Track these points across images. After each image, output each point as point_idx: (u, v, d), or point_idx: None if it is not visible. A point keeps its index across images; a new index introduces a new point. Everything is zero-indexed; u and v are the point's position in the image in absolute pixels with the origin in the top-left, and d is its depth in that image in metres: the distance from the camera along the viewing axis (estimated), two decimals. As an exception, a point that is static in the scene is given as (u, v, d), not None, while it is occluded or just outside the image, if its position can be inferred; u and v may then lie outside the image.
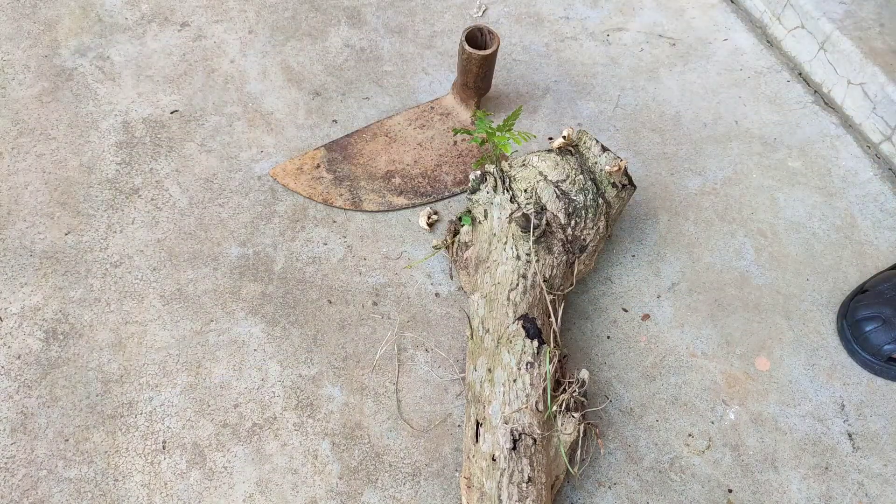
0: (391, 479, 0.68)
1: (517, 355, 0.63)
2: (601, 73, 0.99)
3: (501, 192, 0.73)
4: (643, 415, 0.73)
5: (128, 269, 0.77)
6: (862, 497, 0.70)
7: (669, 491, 0.69)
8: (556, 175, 0.72)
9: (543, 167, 0.73)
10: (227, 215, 0.82)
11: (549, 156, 0.74)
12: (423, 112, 0.92)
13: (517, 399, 0.62)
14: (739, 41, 1.04)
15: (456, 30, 1.01)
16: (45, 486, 0.65)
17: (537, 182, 0.72)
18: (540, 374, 0.63)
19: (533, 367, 0.63)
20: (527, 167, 0.74)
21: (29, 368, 0.71)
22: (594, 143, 0.75)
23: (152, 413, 0.69)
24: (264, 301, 0.76)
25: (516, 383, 0.62)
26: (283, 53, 0.96)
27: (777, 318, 0.80)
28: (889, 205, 0.89)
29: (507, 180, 0.74)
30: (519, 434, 0.60)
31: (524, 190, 0.72)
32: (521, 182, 0.73)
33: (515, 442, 0.60)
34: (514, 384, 0.62)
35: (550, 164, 0.73)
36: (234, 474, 0.67)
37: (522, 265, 0.68)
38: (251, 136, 0.88)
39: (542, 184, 0.72)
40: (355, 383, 0.72)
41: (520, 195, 0.72)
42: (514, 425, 0.61)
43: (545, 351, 0.63)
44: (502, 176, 0.74)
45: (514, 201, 0.72)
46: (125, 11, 0.98)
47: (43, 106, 0.88)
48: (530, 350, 0.63)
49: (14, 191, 0.81)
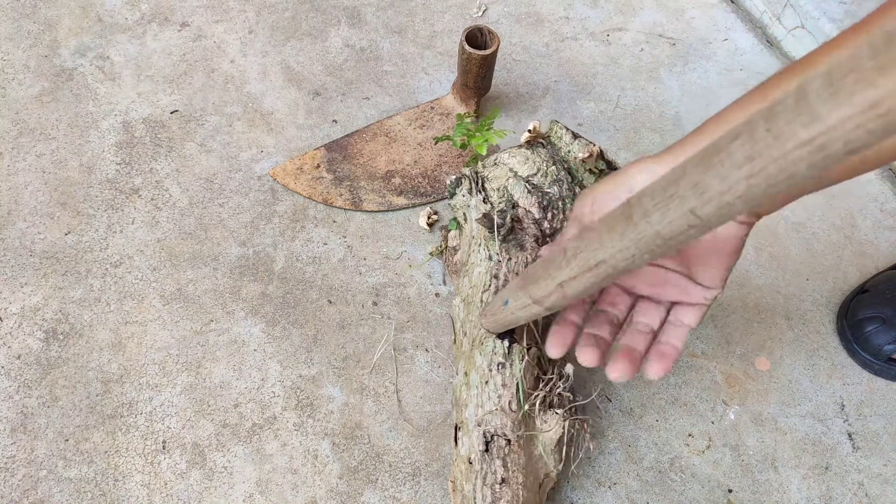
0: (391, 479, 0.68)
1: (488, 357, 0.63)
2: (601, 73, 0.99)
3: (475, 194, 0.72)
4: (643, 415, 0.73)
5: (128, 269, 0.77)
6: (862, 497, 0.70)
7: (669, 491, 0.69)
8: (526, 170, 0.71)
9: (513, 163, 0.72)
10: (227, 215, 0.82)
11: (520, 151, 0.73)
12: (423, 112, 0.92)
13: (489, 401, 0.61)
14: (739, 41, 1.04)
15: (456, 30, 1.01)
16: (45, 486, 0.65)
17: (507, 179, 0.71)
18: (512, 374, 0.62)
19: (504, 367, 0.62)
20: (498, 166, 0.73)
21: (29, 368, 0.71)
22: (565, 131, 0.73)
23: (152, 413, 0.69)
24: (264, 301, 0.76)
25: (488, 385, 0.62)
26: (283, 53, 0.96)
27: (777, 318, 0.80)
28: (889, 205, 0.89)
29: (479, 181, 0.73)
30: (491, 436, 0.60)
31: (496, 189, 0.71)
32: (494, 181, 0.72)
33: (488, 444, 0.60)
34: (486, 386, 0.62)
35: (520, 159, 0.72)
36: (234, 474, 0.67)
37: (494, 265, 0.67)
38: (251, 136, 0.88)
39: (513, 181, 0.71)
40: (355, 383, 0.72)
41: (493, 195, 0.71)
42: (486, 427, 0.60)
43: (516, 350, 0.63)
44: (476, 178, 0.73)
45: (488, 201, 0.71)
46: (125, 11, 0.98)
47: (43, 106, 0.88)
48: (501, 350, 0.62)
49: (14, 191, 0.81)
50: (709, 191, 0.31)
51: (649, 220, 0.35)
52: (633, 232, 0.37)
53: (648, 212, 0.35)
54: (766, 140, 0.27)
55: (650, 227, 0.35)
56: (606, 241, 0.39)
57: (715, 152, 0.31)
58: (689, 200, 0.32)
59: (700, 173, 0.31)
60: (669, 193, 0.34)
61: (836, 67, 0.25)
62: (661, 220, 0.35)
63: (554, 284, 0.46)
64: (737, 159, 0.29)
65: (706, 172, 0.31)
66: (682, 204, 0.33)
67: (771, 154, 0.27)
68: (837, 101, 0.24)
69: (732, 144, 0.29)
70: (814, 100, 0.25)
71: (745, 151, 0.28)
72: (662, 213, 0.34)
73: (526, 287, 0.50)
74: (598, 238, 0.40)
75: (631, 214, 0.37)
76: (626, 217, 0.37)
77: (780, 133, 0.27)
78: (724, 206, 0.31)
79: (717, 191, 0.31)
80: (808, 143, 0.26)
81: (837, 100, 0.24)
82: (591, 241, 0.41)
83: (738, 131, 0.29)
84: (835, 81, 0.24)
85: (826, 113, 0.25)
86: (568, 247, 0.44)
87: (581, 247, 0.42)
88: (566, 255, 0.44)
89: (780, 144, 0.27)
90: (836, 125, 0.25)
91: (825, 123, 0.25)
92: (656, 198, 0.35)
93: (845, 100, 0.24)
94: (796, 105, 0.26)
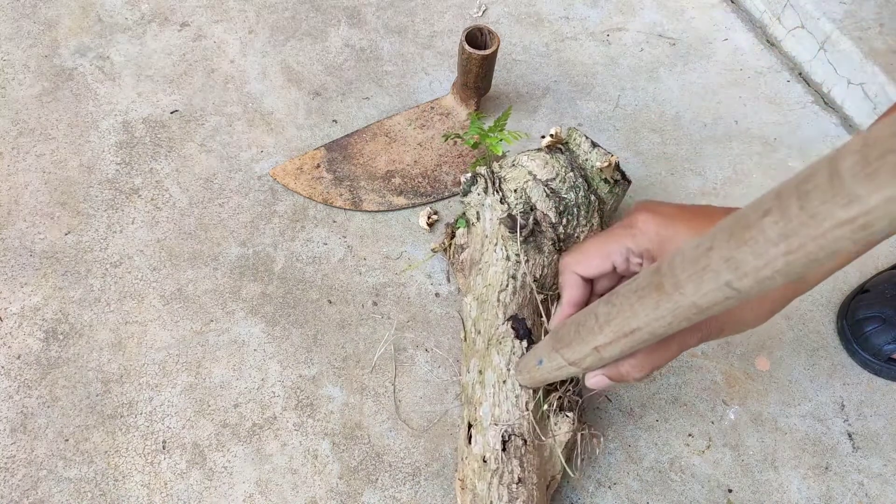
0: (391, 479, 0.68)
1: (506, 356, 0.63)
2: (601, 73, 0.99)
3: (492, 194, 0.72)
4: (643, 415, 0.73)
5: (128, 269, 0.77)
6: (862, 497, 0.70)
7: (669, 491, 0.69)
8: (545, 174, 0.72)
9: (533, 166, 0.73)
10: (227, 215, 0.82)
11: (539, 154, 0.73)
12: (423, 112, 0.92)
13: (507, 400, 0.62)
14: (739, 41, 1.04)
15: (456, 30, 1.01)
16: (45, 486, 0.65)
17: (526, 182, 0.72)
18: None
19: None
20: (516, 167, 0.73)
21: (29, 368, 0.71)
22: (584, 139, 0.74)
23: (152, 413, 0.69)
24: (264, 301, 0.76)
25: (506, 384, 0.62)
26: (283, 53, 0.96)
27: (777, 318, 0.80)
28: (889, 205, 0.89)
29: (496, 181, 0.73)
30: (508, 435, 0.60)
31: (514, 190, 0.72)
32: (511, 182, 0.72)
33: (505, 443, 0.60)
34: (503, 385, 0.62)
35: (540, 162, 0.73)
36: (234, 474, 0.67)
37: (512, 266, 0.68)
38: (251, 136, 0.88)
39: (532, 183, 0.71)
40: (355, 383, 0.72)
41: (510, 195, 0.72)
42: (503, 426, 0.61)
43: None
44: (492, 177, 0.73)
45: (504, 202, 0.71)
46: (125, 11, 0.98)
47: (43, 106, 0.88)
48: (520, 351, 0.63)
49: (14, 191, 0.81)
50: (744, 266, 0.30)
51: (683, 292, 0.34)
52: (669, 302, 0.35)
53: (681, 283, 0.34)
54: (801, 218, 0.26)
55: (685, 298, 0.34)
56: (639, 310, 0.38)
57: (745, 227, 0.29)
58: (724, 274, 0.31)
59: (731, 248, 0.30)
60: (701, 265, 0.32)
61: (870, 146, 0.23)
62: (696, 292, 0.33)
63: (589, 348, 0.45)
64: (771, 236, 0.27)
65: (739, 248, 0.29)
66: (716, 277, 0.31)
67: (808, 233, 0.26)
68: (878, 182, 0.23)
69: (764, 221, 0.28)
70: (849, 180, 0.24)
71: (780, 229, 0.27)
72: (696, 285, 0.33)
73: (559, 349, 0.49)
74: (629, 306, 0.39)
75: (662, 284, 0.35)
76: (657, 287, 0.36)
77: (816, 213, 0.25)
78: (762, 280, 0.29)
79: (754, 266, 0.29)
80: (848, 223, 0.24)
81: (878, 181, 0.23)
82: (621, 308, 0.40)
83: (768, 207, 0.28)
84: (872, 161, 0.23)
85: (866, 195, 0.23)
86: (598, 312, 0.42)
87: (612, 313, 0.41)
88: (598, 320, 0.42)
89: (816, 223, 0.25)
90: (878, 205, 0.23)
91: (866, 204, 0.23)
92: (687, 269, 0.33)
93: (887, 182, 0.22)
94: (830, 184, 0.24)
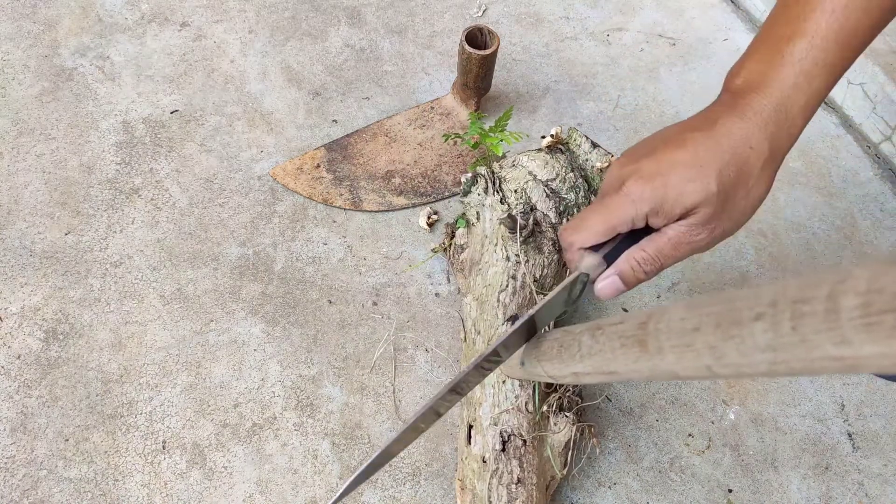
0: (391, 479, 0.68)
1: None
2: (601, 73, 0.99)
3: (492, 194, 0.72)
4: (643, 415, 0.73)
5: (128, 269, 0.77)
6: (862, 497, 0.70)
7: (669, 491, 0.69)
8: (545, 174, 0.72)
9: (533, 167, 0.73)
10: (227, 215, 0.82)
11: (539, 155, 0.73)
12: (423, 112, 0.92)
13: (506, 400, 0.62)
14: (739, 41, 1.04)
15: (456, 30, 1.01)
16: (45, 486, 0.65)
17: (526, 182, 0.72)
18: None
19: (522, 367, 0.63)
20: (516, 167, 0.73)
21: (29, 368, 0.71)
22: (584, 139, 0.74)
23: (152, 413, 0.69)
24: (264, 301, 0.76)
25: (505, 384, 0.62)
26: (283, 53, 0.96)
27: (777, 318, 0.80)
28: (889, 205, 0.89)
29: (497, 181, 0.73)
30: (508, 435, 0.60)
31: (514, 190, 0.72)
32: (512, 182, 0.72)
33: (504, 443, 0.60)
34: (503, 385, 0.62)
35: (540, 163, 0.73)
36: (234, 474, 0.67)
37: (512, 266, 0.68)
38: (251, 136, 0.88)
39: (532, 183, 0.71)
40: (355, 383, 0.72)
41: (510, 196, 0.72)
42: (503, 426, 0.61)
43: None
44: (492, 177, 0.73)
45: (505, 202, 0.71)
46: (125, 11, 0.98)
47: (43, 106, 0.88)
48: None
49: (14, 191, 0.81)
50: (726, 358, 0.29)
51: (664, 359, 0.34)
52: (649, 361, 0.35)
53: (664, 350, 0.33)
54: (792, 339, 0.25)
55: (664, 364, 0.34)
56: (620, 357, 0.38)
57: (734, 322, 0.28)
58: (706, 358, 0.30)
59: (717, 338, 0.29)
60: (685, 342, 0.32)
61: (875, 294, 0.22)
62: (677, 363, 0.33)
63: (568, 371, 0.45)
64: (759, 343, 0.27)
65: (724, 341, 0.29)
66: (698, 358, 0.31)
67: (796, 354, 0.25)
68: (873, 336, 0.22)
69: (754, 325, 0.27)
70: (846, 323, 0.23)
71: (768, 339, 0.26)
72: (678, 357, 0.33)
73: (541, 361, 0.49)
74: (611, 350, 0.39)
75: (646, 343, 0.35)
76: (641, 343, 0.35)
77: (807, 339, 0.25)
78: (741, 373, 0.29)
79: (735, 362, 0.29)
80: (836, 360, 0.24)
81: (873, 335, 0.22)
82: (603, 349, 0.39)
83: (761, 311, 0.27)
84: (874, 313, 0.22)
85: (859, 343, 0.22)
86: (582, 342, 0.42)
87: (595, 349, 0.41)
88: (580, 349, 0.42)
89: (806, 349, 0.25)
90: (869, 356, 0.22)
91: (857, 351, 0.23)
92: (672, 340, 0.33)
93: (883, 340, 0.22)
94: (826, 317, 0.23)
